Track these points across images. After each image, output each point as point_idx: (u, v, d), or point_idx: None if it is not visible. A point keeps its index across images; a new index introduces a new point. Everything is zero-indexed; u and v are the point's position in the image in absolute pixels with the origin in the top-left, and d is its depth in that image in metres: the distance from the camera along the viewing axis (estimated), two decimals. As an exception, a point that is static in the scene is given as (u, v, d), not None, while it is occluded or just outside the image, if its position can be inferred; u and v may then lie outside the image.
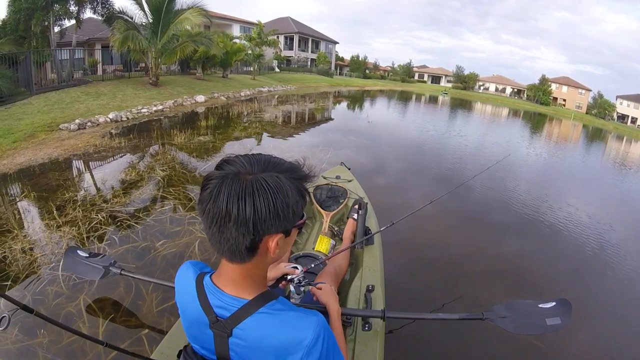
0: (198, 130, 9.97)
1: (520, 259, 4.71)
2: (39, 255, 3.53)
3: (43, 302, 2.91)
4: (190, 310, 1.03)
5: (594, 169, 13.61)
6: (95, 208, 4.62)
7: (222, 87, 20.95)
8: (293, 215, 0.90)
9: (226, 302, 0.96)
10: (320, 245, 2.85)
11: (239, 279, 0.97)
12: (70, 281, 3.16)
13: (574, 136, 26.77)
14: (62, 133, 8.47)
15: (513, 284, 4.17)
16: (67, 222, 4.23)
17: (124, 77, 17.69)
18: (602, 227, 6.30)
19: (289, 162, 0.96)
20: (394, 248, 4.27)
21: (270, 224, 0.86)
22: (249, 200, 0.83)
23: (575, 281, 4.43)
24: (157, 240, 3.99)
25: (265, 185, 0.84)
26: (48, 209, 4.56)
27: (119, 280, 3.14)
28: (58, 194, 5.06)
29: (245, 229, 0.84)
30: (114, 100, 12.66)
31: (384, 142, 11.73)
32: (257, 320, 0.93)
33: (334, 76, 50.89)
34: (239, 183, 0.84)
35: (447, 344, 2.96)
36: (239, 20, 39.86)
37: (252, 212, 0.83)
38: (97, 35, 20.19)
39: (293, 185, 0.89)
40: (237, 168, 0.88)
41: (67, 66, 14.93)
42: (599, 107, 61.41)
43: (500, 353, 2.93)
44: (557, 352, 3.05)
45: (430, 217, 5.48)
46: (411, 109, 27.77)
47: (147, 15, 15.67)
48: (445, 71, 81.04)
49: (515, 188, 7.95)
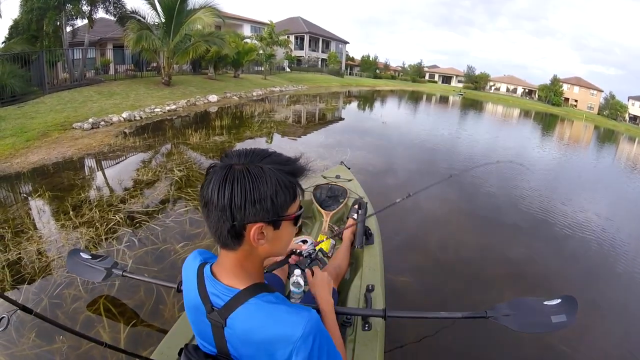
0: (213, 130, 9.82)
1: (526, 256, 4.60)
2: (55, 257, 3.38)
3: (60, 306, 2.76)
4: (190, 297, 1.06)
5: (605, 171, 13.33)
6: (113, 209, 4.47)
7: (234, 87, 20.84)
8: (272, 205, 0.91)
9: (220, 291, 0.99)
10: (320, 245, 2.73)
11: (232, 268, 1.00)
12: (88, 284, 3.01)
13: (585, 138, 26.40)
14: (76, 132, 8.36)
15: (518, 280, 4.05)
16: (84, 222, 4.08)
17: (137, 76, 17.63)
18: (610, 226, 6.14)
19: (282, 155, 0.98)
20: (394, 248, 4.20)
21: (248, 212, 0.89)
22: (228, 188, 0.87)
23: (579, 278, 4.32)
24: (177, 242, 3.83)
25: (246, 174, 0.88)
26: (64, 209, 4.41)
27: (121, 282, 3.07)
28: (73, 194, 4.92)
29: (224, 214, 0.89)
30: (127, 99, 12.57)
31: (400, 143, 11.52)
32: (246, 311, 0.95)
33: (345, 76, 50.68)
34: (224, 172, 0.89)
35: (449, 343, 2.87)
36: (249, 20, 39.87)
37: (229, 198, 0.87)
38: (109, 35, 20.17)
39: (276, 177, 0.91)
40: (230, 160, 0.93)
41: (80, 65, 14.87)
42: (611, 108, 60.71)
43: (505, 352, 2.83)
44: (564, 350, 2.93)
45: (431, 217, 5.45)
46: (423, 110, 27.60)
47: (159, 15, 15.63)
48: (456, 71, 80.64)
49: (523, 188, 7.73)
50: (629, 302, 3.94)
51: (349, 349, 1.79)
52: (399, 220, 5.00)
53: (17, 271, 3.16)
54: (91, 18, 15.11)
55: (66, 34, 14.57)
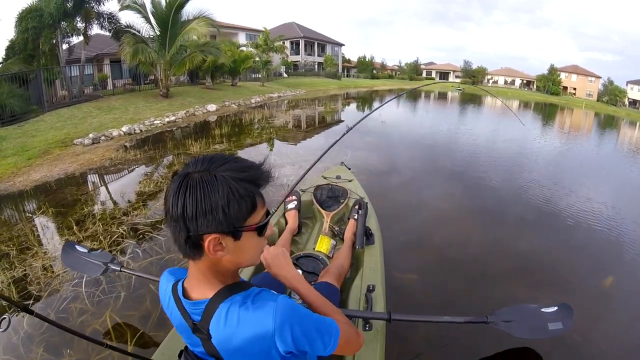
0: (213, 139, 9.84)
1: (528, 252, 4.48)
2: (60, 272, 3.39)
3: (67, 320, 2.77)
4: (174, 318, 1.04)
5: (609, 160, 13.26)
6: (116, 221, 4.50)
7: (232, 95, 20.90)
8: (224, 216, 0.86)
9: (193, 306, 0.98)
10: (321, 245, 2.78)
11: (201, 277, 0.98)
12: (94, 297, 3.03)
13: (586, 125, 26.30)
14: (77, 148, 8.41)
15: (520, 277, 3.97)
16: (87, 236, 4.11)
17: (135, 90, 17.72)
18: (616, 215, 5.98)
19: (242, 161, 0.94)
20: (394, 248, 4.15)
21: (201, 222, 0.85)
22: (181, 197, 0.84)
23: (580, 280, 4.11)
24: (180, 251, 3.83)
25: (199, 183, 0.85)
26: (67, 224, 4.45)
27: (126, 293, 3.09)
28: (76, 209, 4.96)
29: (178, 224, 0.86)
30: (126, 113, 12.63)
31: (399, 142, 11.51)
32: (218, 320, 0.93)
33: (342, 78, 50.63)
34: (179, 181, 0.86)
35: (450, 343, 2.85)
36: (244, 28, 39.96)
37: (181, 208, 0.84)
38: (105, 51, 20.31)
39: (229, 185, 0.87)
40: (188, 168, 0.90)
41: (78, 82, 14.98)
42: (610, 93, 60.48)
43: (505, 356, 2.76)
44: (560, 355, 2.87)
45: (431, 216, 5.40)
46: (422, 107, 27.59)
47: (154, 28, 15.71)
48: (453, 67, 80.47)
49: (525, 183, 7.60)
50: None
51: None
52: (399, 220, 5.01)
53: (23, 287, 3.19)
54: (86, 34, 15.25)
55: (62, 52, 14.70)
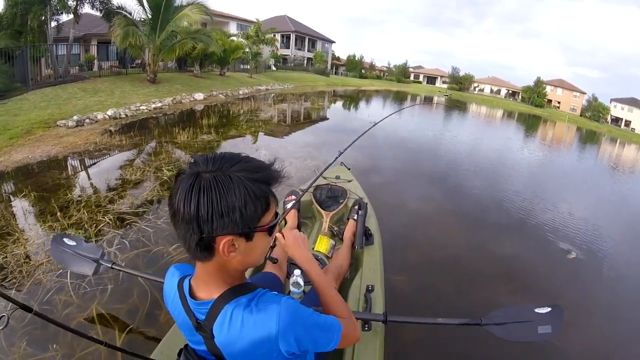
0: (200, 129, 9.67)
1: (517, 257, 4.64)
2: (44, 261, 3.26)
3: (51, 313, 2.67)
4: (178, 314, 1.03)
5: (587, 171, 13.58)
6: (101, 209, 4.36)
7: (220, 85, 20.63)
8: (241, 217, 0.85)
9: (199, 306, 0.97)
10: (320, 245, 2.78)
11: (208, 278, 0.97)
12: (80, 289, 2.92)
13: (568, 139, 26.83)
14: (60, 130, 8.16)
15: (509, 280, 4.11)
16: (72, 224, 3.98)
17: (121, 73, 17.33)
18: (594, 228, 6.17)
19: (255, 161, 0.93)
20: (394, 249, 4.19)
21: (216, 224, 0.83)
22: (194, 199, 0.82)
23: (573, 283, 4.32)
24: (169, 244, 3.75)
25: (213, 184, 0.82)
26: (50, 210, 4.28)
27: (114, 286, 3.03)
28: (60, 194, 4.79)
29: (191, 227, 0.84)
30: (111, 96, 12.33)
31: (388, 143, 11.50)
32: (222, 322, 0.93)
33: (331, 75, 50.54)
34: (191, 181, 0.83)
35: (446, 344, 2.91)
36: (236, 18, 39.59)
37: (195, 210, 0.82)
38: (94, 31, 19.86)
39: (245, 186, 0.85)
40: (198, 167, 0.87)
41: (64, 62, 14.57)
42: (593, 109, 61.85)
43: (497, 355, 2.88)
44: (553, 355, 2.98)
45: (428, 219, 5.46)
46: (408, 110, 27.72)
47: (146, 11, 15.34)
48: (440, 72, 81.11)
49: (514, 190, 7.81)
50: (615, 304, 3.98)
51: (349, 349, 1.80)
52: (399, 221, 5.00)
53: (3, 276, 3.05)
54: (77, 13, 14.79)
55: (51, 30, 14.26)
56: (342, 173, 4.16)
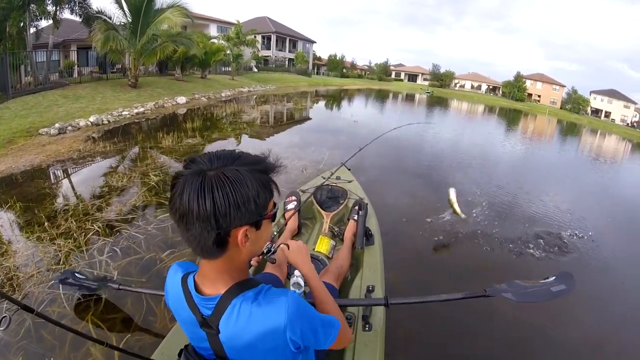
0: (185, 133, 9.61)
1: (516, 251, 4.69)
2: (34, 272, 3.21)
3: (45, 326, 2.61)
4: (180, 311, 1.04)
5: (568, 164, 13.81)
6: (90, 218, 4.31)
7: (202, 88, 20.51)
8: (256, 206, 0.90)
9: (205, 301, 0.98)
10: (321, 246, 2.79)
11: (215, 275, 0.99)
12: (72, 300, 2.88)
13: (549, 131, 27.28)
14: (43, 138, 8.03)
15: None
16: (60, 234, 3.91)
17: (102, 79, 17.09)
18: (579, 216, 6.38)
19: (252, 155, 0.97)
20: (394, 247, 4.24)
21: (233, 217, 0.86)
22: (209, 196, 0.83)
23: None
24: (161, 250, 3.72)
25: (224, 179, 0.85)
26: (38, 220, 4.20)
27: (106, 297, 2.99)
28: (46, 204, 4.73)
29: (208, 224, 0.85)
30: (93, 102, 12.17)
31: (375, 141, 11.55)
32: (230, 315, 0.95)
33: (312, 75, 50.57)
34: (199, 179, 0.84)
35: (449, 344, 2.92)
36: (216, 20, 39.33)
37: (212, 206, 0.83)
38: (73, 36, 19.54)
39: (254, 177, 0.90)
40: (199, 166, 0.88)
41: (44, 68, 14.29)
42: (573, 102, 62.98)
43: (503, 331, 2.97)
44: (558, 327, 3.09)
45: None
46: (391, 108, 27.88)
47: (126, 15, 15.15)
48: (421, 69, 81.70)
49: (505, 181, 8.01)
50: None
51: (349, 349, 1.81)
52: (400, 220, 5.03)
53: (-7, 289, 2.99)
54: (56, 18, 14.47)
55: (30, 36, 13.97)
56: (342, 174, 4.19)
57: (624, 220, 6.96)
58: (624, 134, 41.87)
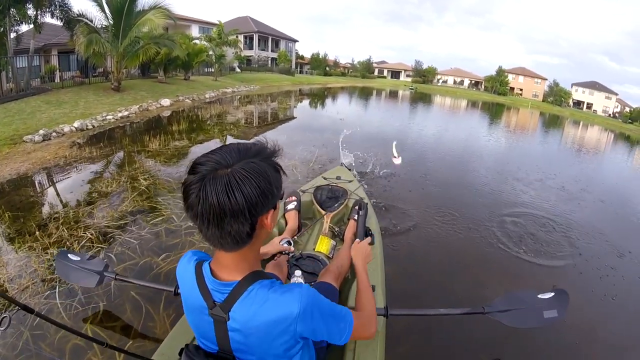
0: (172, 135, 9.51)
1: (512, 249, 4.69)
2: (29, 284, 3.14)
3: (45, 338, 2.56)
4: (191, 296, 1.07)
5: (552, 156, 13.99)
6: (82, 225, 4.24)
7: (185, 89, 20.31)
8: (277, 190, 0.99)
9: (221, 287, 1.02)
10: (321, 246, 2.77)
11: (235, 264, 1.03)
12: (71, 309, 2.84)
13: (532, 124, 27.69)
14: (27, 145, 7.88)
15: (507, 271, 4.21)
16: (53, 242, 3.84)
17: (84, 83, 16.83)
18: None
19: (255, 145, 1.02)
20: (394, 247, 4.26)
21: (262, 205, 0.93)
22: (237, 190, 0.88)
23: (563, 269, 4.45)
24: (156, 255, 3.69)
25: (246, 173, 0.90)
26: (28, 229, 4.12)
27: (117, 286, 3.06)
28: (35, 213, 4.64)
29: (243, 217, 0.90)
30: (76, 108, 11.98)
31: (363, 137, 11.58)
32: (246, 300, 0.99)
33: (296, 74, 50.43)
34: (220, 179, 0.88)
35: (448, 342, 2.93)
36: (197, 21, 39.08)
37: (243, 200, 0.88)
38: (54, 41, 19.20)
39: (267, 165, 0.97)
40: (211, 166, 0.91)
41: (26, 74, 14.00)
42: (555, 94, 63.97)
43: (501, 346, 2.91)
44: (554, 343, 3.03)
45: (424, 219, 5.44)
46: (375, 105, 28.04)
47: (107, 18, 14.94)
48: (404, 66, 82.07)
49: (505, 179, 8.08)
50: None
51: (349, 350, 1.81)
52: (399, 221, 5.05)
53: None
54: (37, 22, 14.19)
55: (10, 41, 13.69)
56: (342, 173, 4.19)
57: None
58: (606, 124, 42.85)
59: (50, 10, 14.52)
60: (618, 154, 19.35)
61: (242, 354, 1.06)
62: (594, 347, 3.12)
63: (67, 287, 3.04)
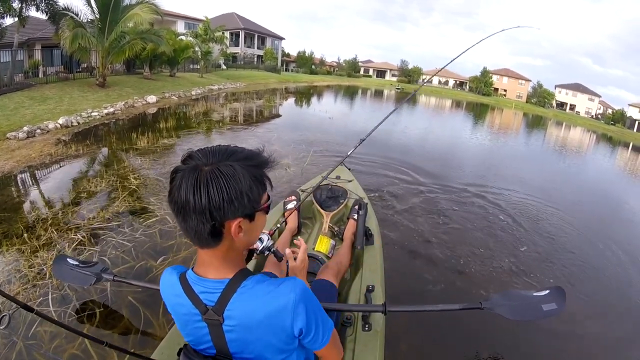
0: (160, 133, 9.34)
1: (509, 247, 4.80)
2: (20, 290, 3.00)
3: (45, 338, 2.51)
4: (180, 308, 1.06)
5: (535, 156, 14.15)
6: (72, 226, 4.09)
7: (171, 86, 20.04)
8: (249, 200, 0.94)
9: (210, 286, 1.01)
10: (320, 245, 2.78)
11: (216, 262, 1.02)
12: (66, 316, 2.72)
13: (516, 124, 28.07)
14: (11, 142, 7.64)
15: (508, 272, 4.21)
16: (42, 245, 3.69)
17: (69, 78, 16.42)
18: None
19: (246, 150, 1.01)
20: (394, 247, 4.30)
21: (226, 210, 0.91)
22: (204, 190, 0.88)
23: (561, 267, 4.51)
24: (152, 258, 3.59)
25: (218, 174, 0.89)
26: (15, 231, 3.96)
27: (115, 288, 3.04)
28: (22, 213, 4.48)
29: (204, 216, 0.90)
30: (61, 104, 11.69)
31: (354, 137, 11.52)
32: (241, 296, 0.99)
33: (282, 72, 50.19)
34: (195, 175, 0.89)
35: (448, 343, 2.95)
36: (183, 17, 38.68)
37: (207, 200, 0.88)
38: (37, 35, 18.72)
39: (247, 172, 0.94)
40: (196, 161, 0.92)
41: (9, 69, 13.58)
42: (539, 96, 64.93)
43: (500, 341, 2.97)
44: (553, 340, 3.08)
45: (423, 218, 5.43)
46: (361, 104, 28.13)
47: (94, 12, 14.58)
48: (390, 65, 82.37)
49: (499, 182, 8.09)
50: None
51: (349, 349, 1.81)
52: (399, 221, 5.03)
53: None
54: (22, 16, 13.75)
55: (-5, 36, 13.30)
56: (342, 173, 4.16)
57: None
58: (588, 125, 43.72)
59: (36, 3, 14.05)
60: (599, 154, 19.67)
61: (241, 354, 1.06)
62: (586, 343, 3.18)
63: (61, 294, 2.96)
